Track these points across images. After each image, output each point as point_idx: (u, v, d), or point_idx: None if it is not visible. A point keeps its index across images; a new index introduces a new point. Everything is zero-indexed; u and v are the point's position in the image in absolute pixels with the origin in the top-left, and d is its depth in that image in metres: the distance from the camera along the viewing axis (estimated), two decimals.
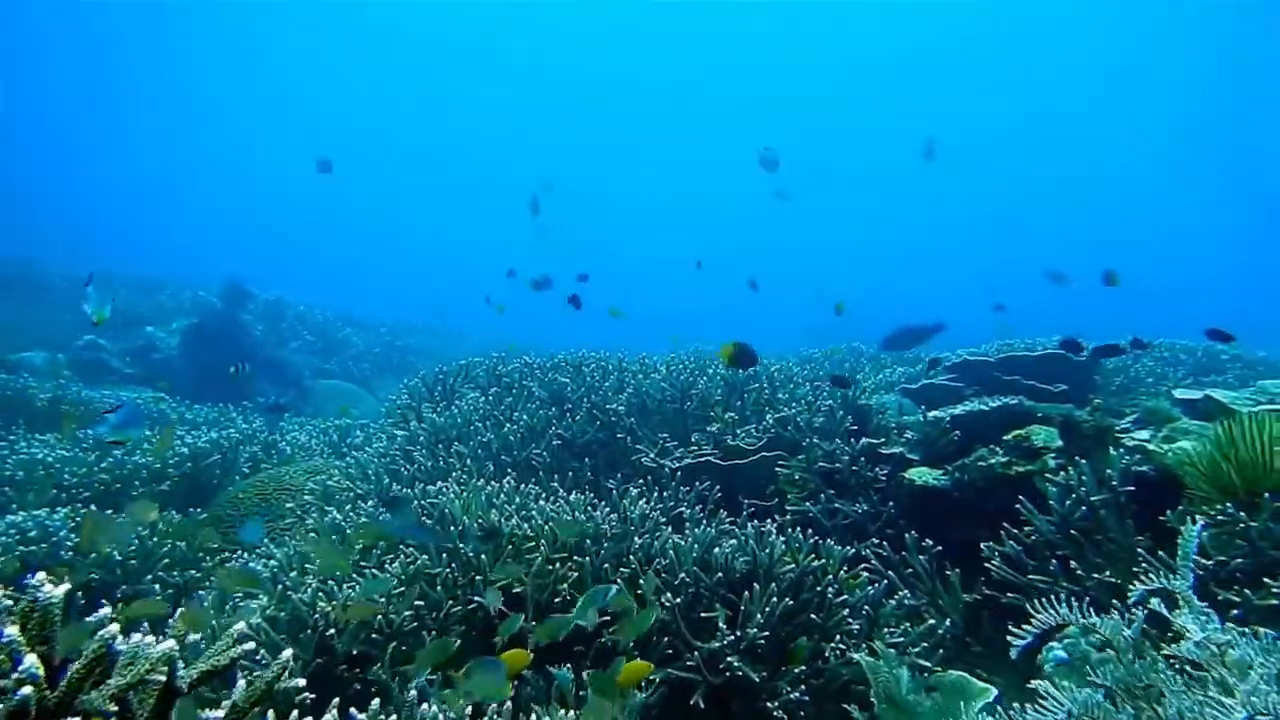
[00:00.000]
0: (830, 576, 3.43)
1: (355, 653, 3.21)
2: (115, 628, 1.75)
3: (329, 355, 14.64)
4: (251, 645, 2.06)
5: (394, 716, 2.54)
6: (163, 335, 12.78)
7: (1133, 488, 3.61)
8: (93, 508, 5.17)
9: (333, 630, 3.16)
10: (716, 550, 3.44)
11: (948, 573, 3.92)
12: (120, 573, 4.52)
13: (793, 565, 3.47)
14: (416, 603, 3.31)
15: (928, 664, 3.42)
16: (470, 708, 2.50)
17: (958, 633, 3.74)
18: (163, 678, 1.75)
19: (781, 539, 3.56)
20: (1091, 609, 3.61)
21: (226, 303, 13.82)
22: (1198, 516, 3.34)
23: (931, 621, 3.50)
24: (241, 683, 1.95)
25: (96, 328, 10.90)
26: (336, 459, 7.39)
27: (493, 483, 4.33)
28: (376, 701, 2.47)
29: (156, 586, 4.50)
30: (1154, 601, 2.76)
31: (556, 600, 3.37)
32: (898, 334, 6.29)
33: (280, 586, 3.43)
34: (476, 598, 3.37)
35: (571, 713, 2.70)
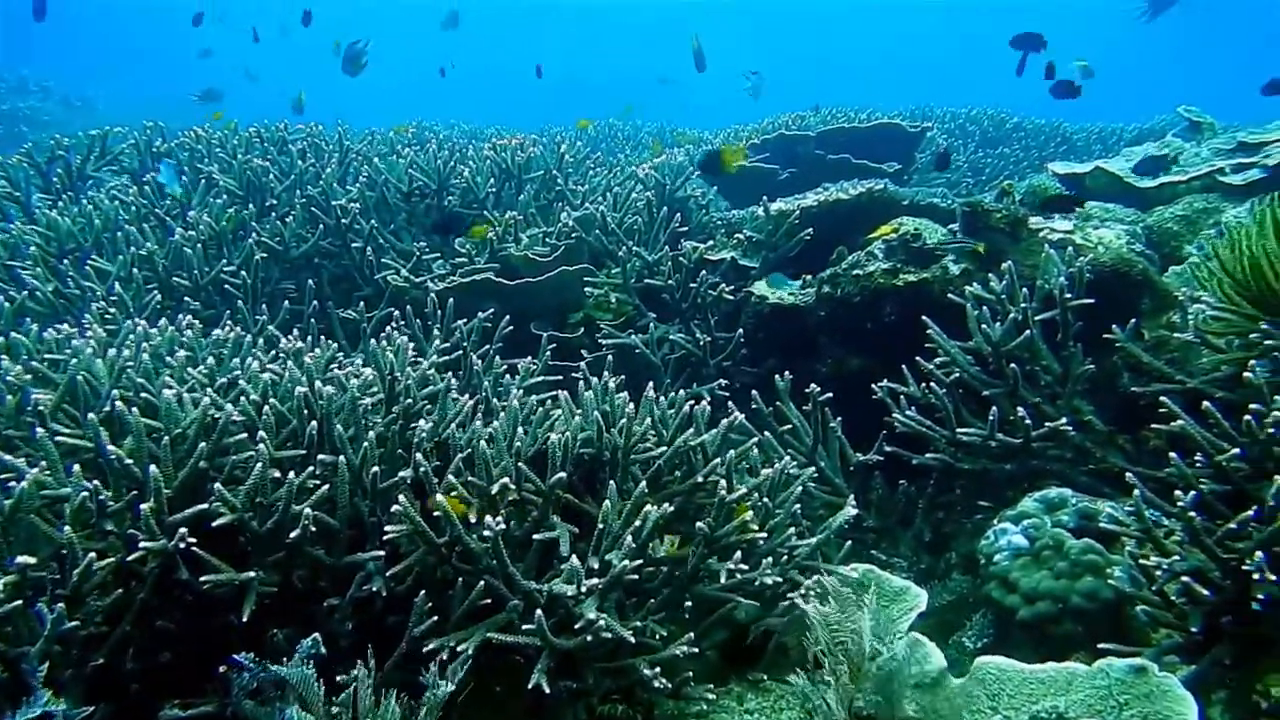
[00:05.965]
0: (718, 460, 2.31)
1: None
2: None
3: None
4: None
5: None
6: None
7: (1091, 300, 2.76)
8: None
9: None
10: (553, 436, 2.18)
11: (831, 425, 2.95)
12: None
13: (659, 446, 2.32)
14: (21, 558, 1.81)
15: (836, 568, 2.48)
16: None
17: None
18: None
19: (630, 405, 2.36)
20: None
21: None
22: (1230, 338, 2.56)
23: (852, 510, 2.51)
24: None
25: None
26: None
27: (162, 324, 2.73)
28: None
29: None
30: None
31: (292, 536, 1.99)
32: None
33: None
34: (143, 542, 1.92)
35: None
